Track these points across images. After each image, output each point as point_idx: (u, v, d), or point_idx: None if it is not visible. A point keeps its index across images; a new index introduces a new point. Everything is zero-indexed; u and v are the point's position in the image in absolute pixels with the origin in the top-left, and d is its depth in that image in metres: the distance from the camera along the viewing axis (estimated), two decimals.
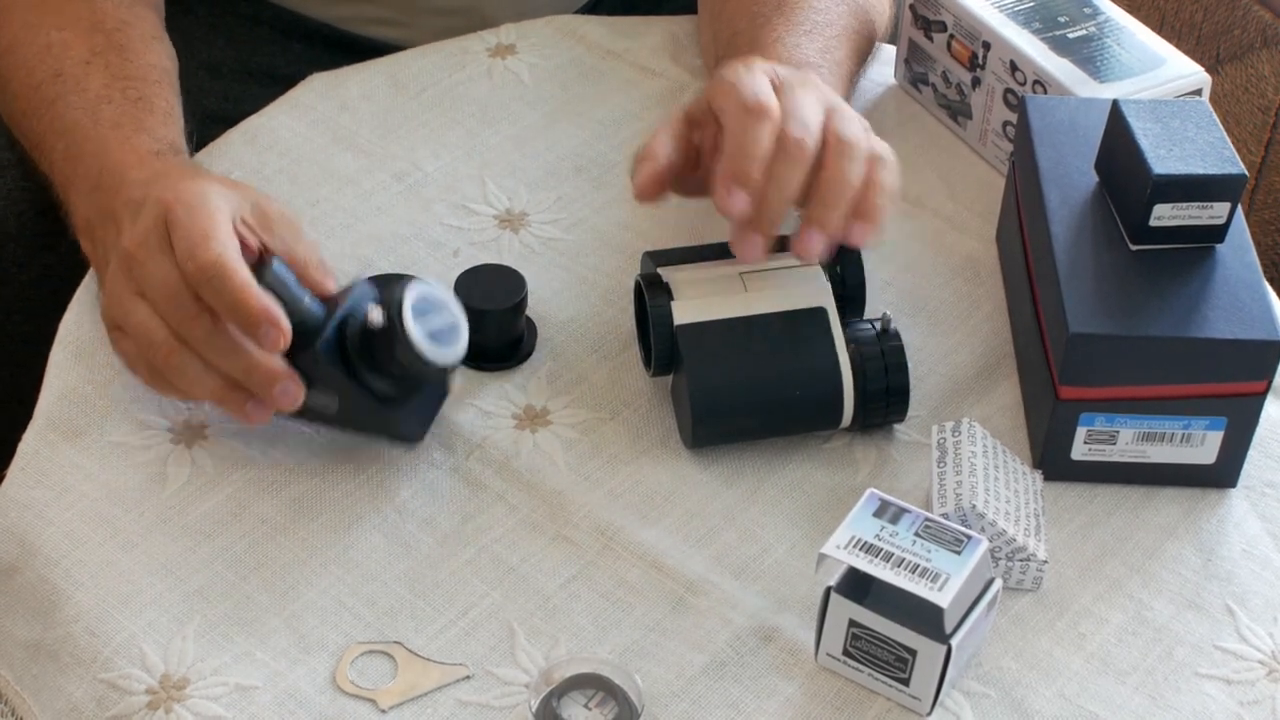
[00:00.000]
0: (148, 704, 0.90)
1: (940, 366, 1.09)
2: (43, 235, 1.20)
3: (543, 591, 0.96)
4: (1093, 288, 0.99)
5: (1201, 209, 1.00)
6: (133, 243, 0.95)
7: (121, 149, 1.04)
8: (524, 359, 1.08)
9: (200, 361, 0.94)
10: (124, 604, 0.94)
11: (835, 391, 1.01)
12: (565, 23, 1.31)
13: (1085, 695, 0.93)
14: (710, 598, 0.96)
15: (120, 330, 0.97)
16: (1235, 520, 1.02)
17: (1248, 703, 0.93)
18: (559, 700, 0.91)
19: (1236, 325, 0.97)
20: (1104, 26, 1.19)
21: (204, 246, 0.92)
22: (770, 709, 0.91)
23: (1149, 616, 0.97)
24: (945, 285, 1.14)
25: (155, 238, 0.94)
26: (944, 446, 0.99)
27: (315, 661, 0.92)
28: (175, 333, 0.94)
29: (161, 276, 0.93)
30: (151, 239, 0.94)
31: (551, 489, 1.01)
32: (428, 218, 1.16)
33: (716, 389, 1.00)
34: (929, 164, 1.23)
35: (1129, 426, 1.00)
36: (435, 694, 0.92)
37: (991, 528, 0.95)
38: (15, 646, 0.96)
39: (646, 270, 1.05)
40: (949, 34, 1.22)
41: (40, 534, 0.97)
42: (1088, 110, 1.10)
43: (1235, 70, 1.64)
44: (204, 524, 0.98)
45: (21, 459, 1.01)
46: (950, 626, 0.89)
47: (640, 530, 0.99)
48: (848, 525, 0.91)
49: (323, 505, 0.99)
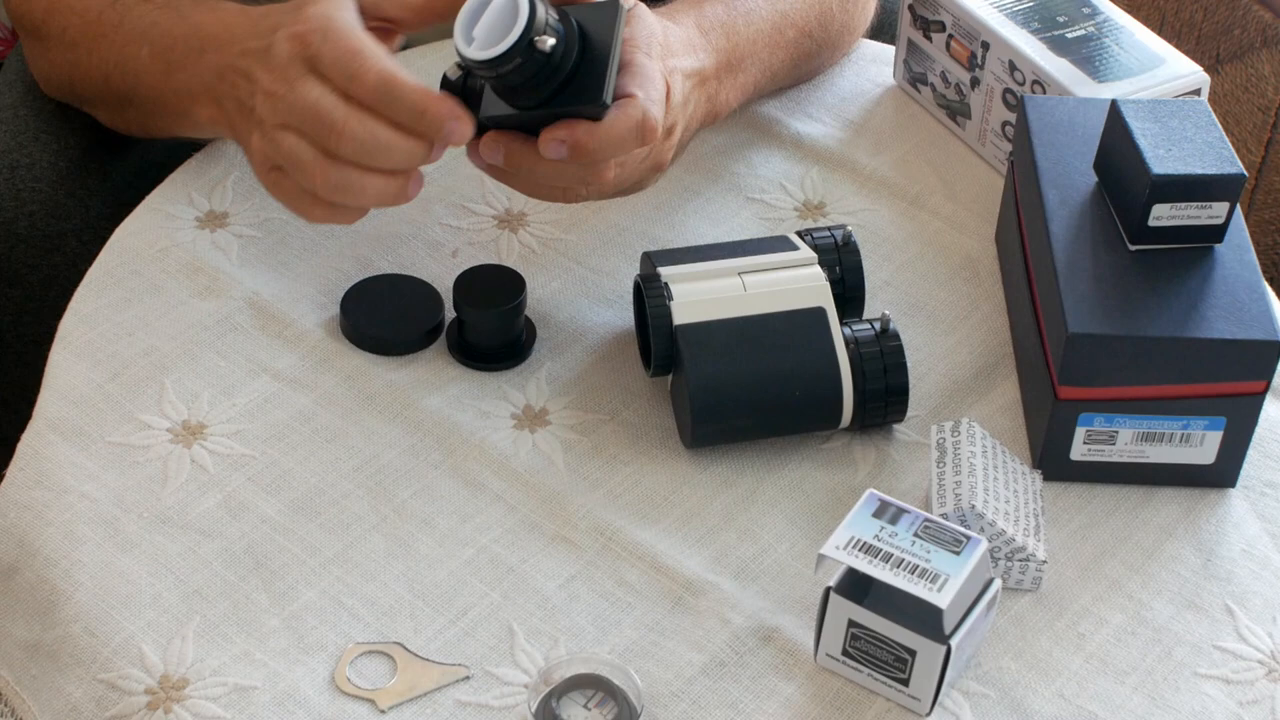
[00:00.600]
0: (147, 704, 0.90)
1: (939, 366, 1.09)
2: (52, 237, 1.20)
3: (542, 592, 0.96)
4: (1092, 288, 0.99)
5: (1200, 209, 1.00)
6: (271, 83, 0.97)
7: (214, 15, 1.06)
8: (523, 359, 1.08)
9: (359, 170, 0.95)
10: (123, 604, 0.94)
11: (834, 391, 1.01)
12: None
13: (1084, 695, 0.93)
14: (709, 598, 0.96)
15: (278, 170, 0.98)
16: (1234, 520, 1.02)
17: (1247, 703, 0.93)
18: (558, 700, 0.91)
19: (1236, 325, 0.97)
20: (1103, 26, 1.19)
21: (361, 66, 0.94)
22: (770, 709, 0.91)
23: (1148, 616, 0.97)
24: (944, 285, 1.14)
25: (295, 70, 0.96)
26: (943, 446, 0.99)
27: (314, 662, 0.92)
28: (328, 152, 0.95)
29: (306, 104, 0.95)
30: (291, 72, 0.96)
31: (551, 489, 1.01)
32: (427, 218, 1.16)
33: (716, 389, 1.00)
34: (928, 164, 1.23)
35: (1128, 426, 1.00)
36: (435, 694, 0.92)
37: (991, 528, 0.95)
38: (15, 647, 0.96)
39: (646, 270, 1.05)
40: (948, 34, 1.22)
41: (40, 534, 0.97)
42: (1087, 110, 1.10)
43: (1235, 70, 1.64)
44: (203, 524, 0.98)
45: (21, 459, 1.01)
46: (949, 627, 0.89)
47: (639, 530, 0.99)
48: (847, 525, 0.91)
49: (322, 505, 0.99)
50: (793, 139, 1.23)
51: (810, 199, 1.19)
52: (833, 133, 1.24)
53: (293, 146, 0.96)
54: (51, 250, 1.20)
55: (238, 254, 1.12)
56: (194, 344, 1.07)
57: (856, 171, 1.21)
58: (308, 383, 1.05)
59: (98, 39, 1.14)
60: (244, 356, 1.07)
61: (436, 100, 0.94)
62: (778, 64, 1.19)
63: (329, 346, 1.07)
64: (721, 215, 1.18)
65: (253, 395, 1.04)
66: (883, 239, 1.17)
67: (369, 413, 1.04)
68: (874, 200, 1.20)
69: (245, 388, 1.05)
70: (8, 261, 1.20)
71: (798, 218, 1.18)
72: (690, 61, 1.07)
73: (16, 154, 1.23)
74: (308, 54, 0.95)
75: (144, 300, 1.09)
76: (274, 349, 1.07)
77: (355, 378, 1.06)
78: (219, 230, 1.14)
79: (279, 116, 0.96)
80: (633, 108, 0.98)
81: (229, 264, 1.12)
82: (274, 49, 0.97)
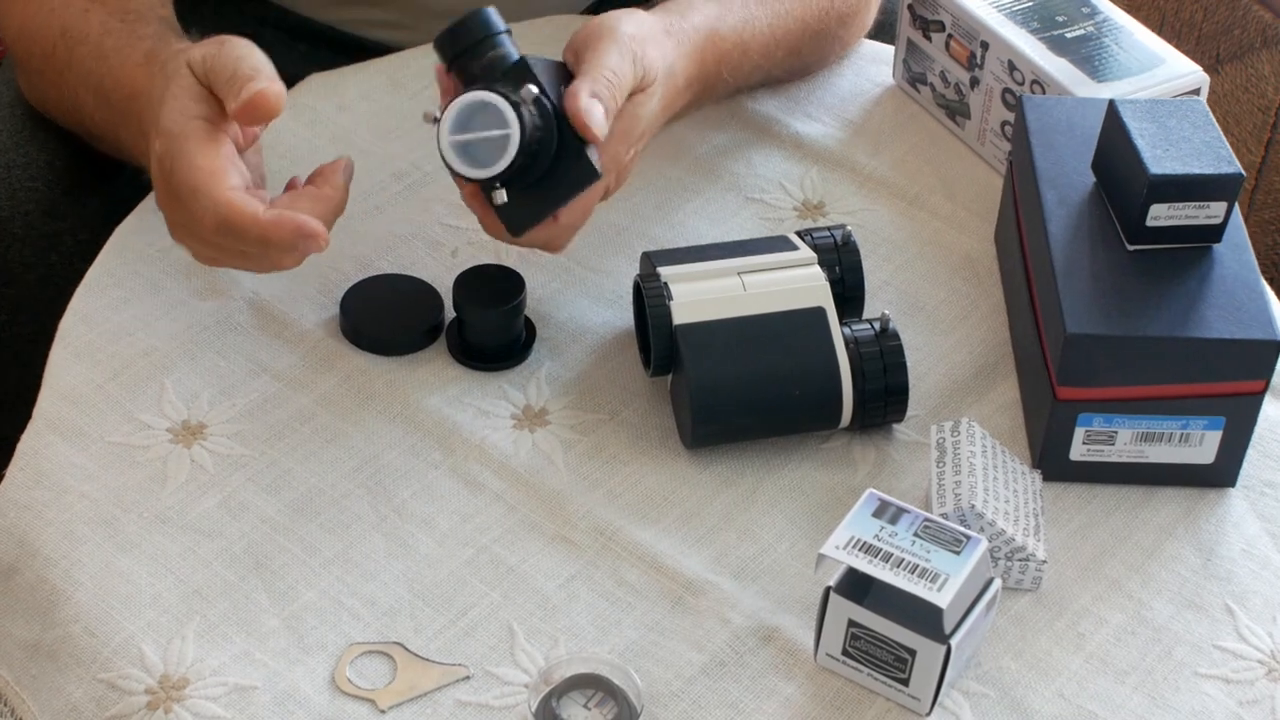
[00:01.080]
0: (147, 704, 0.90)
1: (939, 366, 1.09)
2: (48, 236, 1.20)
3: (542, 591, 0.96)
4: (1090, 288, 0.99)
5: (1198, 208, 1.00)
6: (156, 198, 1.00)
7: (130, 72, 1.07)
8: (523, 359, 1.08)
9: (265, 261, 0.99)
10: (123, 604, 0.94)
11: (834, 391, 1.01)
12: (565, 23, 1.31)
13: (1084, 695, 0.93)
14: (709, 598, 0.96)
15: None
16: (1234, 520, 1.02)
17: (1247, 702, 0.93)
18: (558, 700, 0.91)
19: (1234, 325, 0.97)
20: (1102, 26, 1.19)
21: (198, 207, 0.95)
22: (769, 709, 0.92)
23: (1148, 616, 0.97)
24: (943, 285, 1.14)
25: (164, 194, 0.98)
26: (943, 446, 0.99)
27: (314, 662, 0.92)
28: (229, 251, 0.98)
29: (188, 227, 0.98)
30: (161, 195, 0.98)
31: (550, 489, 1.01)
32: (427, 217, 1.16)
33: (716, 389, 1.00)
34: (927, 164, 1.23)
35: (1127, 426, 1.00)
36: (435, 694, 0.92)
37: (990, 528, 0.95)
38: (14, 647, 0.96)
39: (646, 270, 1.05)
40: (947, 34, 1.22)
41: (39, 534, 0.97)
42: (1085, 110, 1.10)
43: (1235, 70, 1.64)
44: (203, 524, 0.98)
45: (21, 459, 1.01)
46: (949, 626, 0.89)
47: (639, 530, 0.99)
48: (847, 525, 0.91)
49: (322, 505, 0.99)
50: (792, 139, 1.23)
51: (810, 199, 1.19)
52: (832, 132, 1.24)
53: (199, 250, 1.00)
54: (48, 249, 1.20)
55: None
56: (194, 344, 1.07)
57: (856, 171, 1.21)
58: (307, 383, 1.05)
59: (55, 75, 1.15)
60: (244, 356, 1.07)
61: (274, 227, 0.95)
62: (750, 82, 1.21)
63: (329, 346, 1.07)
64: (721, 215, 1.18)
65: (252, 395, 1.04)
66: (882, 239, 1.17)
67: (369, 413, 1.04)
68: (873, 200, 1.20)
69: (245, 388, 1.05)
70: (3, 261, 1.20)
71: (797, 217, 1.18)
72: (663, 118, 1.09)
73: (12, 153, 1.23)
74: (167, 181, 0.97)
75: (144, 300, 1.09)
76: (274, 349, 1.07)
77: (355, 378, 1.06)
78: None
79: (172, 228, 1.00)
80: (545, 231, 1.02)
81: None
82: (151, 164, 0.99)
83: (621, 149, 1.03)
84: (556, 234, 1.03)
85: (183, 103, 0.98)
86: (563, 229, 1.03)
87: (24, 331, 1.20)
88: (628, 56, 1.02)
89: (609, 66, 1.01)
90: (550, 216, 1.01)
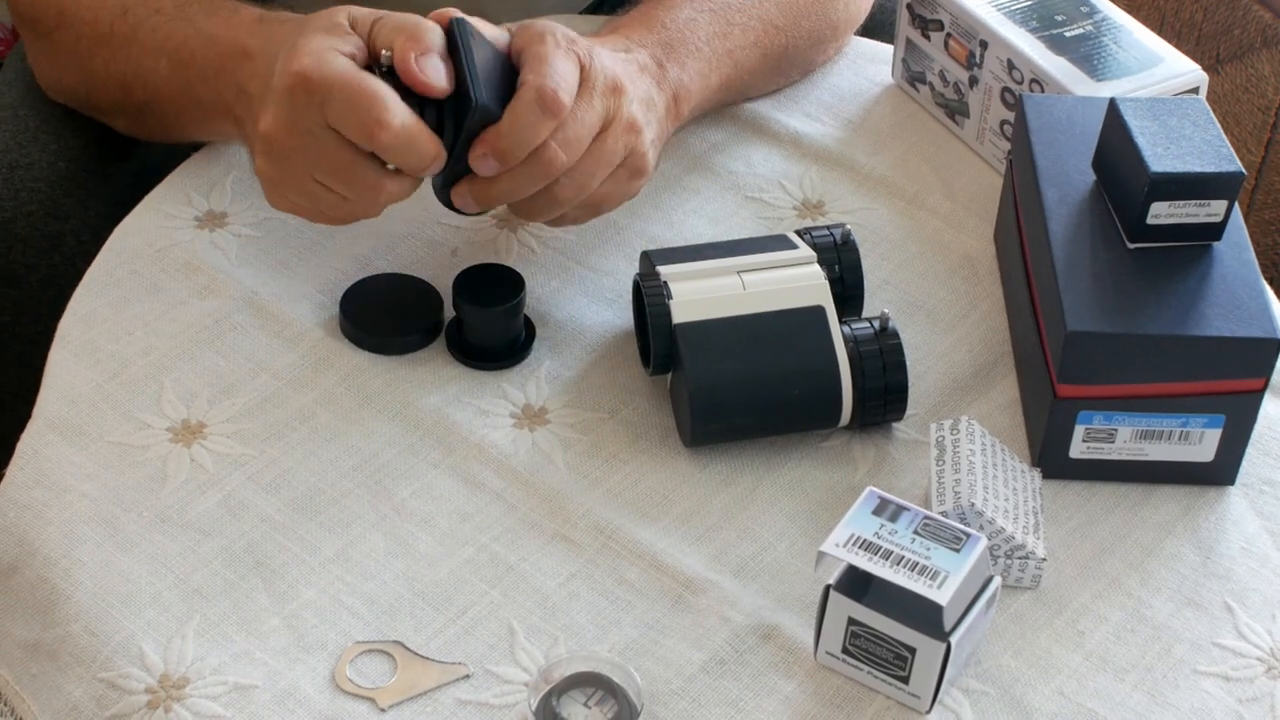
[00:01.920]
0: (147, 703, 0.90)
1: (938, 365, 1.09)
2: (50, 237, 1.20)
3: (542, 590, 0.96)
4: (1090, 286, 0.99)
5: (1199, 207, 1.00)
6: (271, 126, 0.98)
7: (228, 27, 1.07)
8: (522, 358, 1.08)
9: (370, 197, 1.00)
10: (123, 603, 0.94)
11: (834, 390, 1.01)
12: (563, 23, 1.31)
13: (1084, 693, 0.93)
14: (709, 596, 0.96)
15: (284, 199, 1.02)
16: (1234, 518, 1.02)
17: (1246, 700, 0.93)
18: (558, 699, 0.91)
19: (1234, 323, 0.97)
20: (1101, 25, 1.19)
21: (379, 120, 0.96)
22: (770, 707, 0.92)
23: (1148, 614, 0.97)
24: (943, 284, 1.14)
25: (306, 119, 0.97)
26: (942, 444, 0.99)
27: (314, 660, 0.92)
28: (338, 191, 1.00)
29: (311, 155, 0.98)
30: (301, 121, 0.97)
31: (550, 488, 1.01)
32: (426, 217, 1.16)
33: (715, 388, 1.00)
34: (927, 163, 1.23)
35: (1127, 424, 1.00)
36: (435, 693, 0.92)
37: (990, 525, 0.95)
38: (14, 646, 0.96)
39: (645, 269, 1.05)
40: (946, 33, 1.22)
41: (39, 533, 0.97)
42: (1085, 109, 1.10)
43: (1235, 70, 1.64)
44: (203, 523, 0.98)
45: (21, 459, 1.01)
46: (949, 624, 0.89)
47: (639, 529, 0.99)
48: (847, 523, 0.91)
49: (322, 504, 0.99)
50: (791, 138, 1.23)
51: (809, 198, 1.19)
52: (831, 132, 1.24)
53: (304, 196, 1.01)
54: (50, 250, 1.20)
55: (237, 253, 1.12)
56: (193, 343, 1.07)
57: (855, 170, 1.21)
58: (307, 382, 1.05)
59: (113, 50, 1.14)
60: (243, 356, 1.07)
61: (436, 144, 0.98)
62: (739, 51, 1.18)
63: (328, 346, 1.08)
64: (720, 214, 1.18)
65: (252, 394, 1.04)
66: (881, 238, 1.17)
67: (368, 412, 1.04)
68: (873, 199, 1.20)
69: (245, 387, 1.05)
70: (6, 261, 1.20)
71: (796, 217, 1.18)
72: (616, 49, 1.08)
73: (15, 154, 1.23)
74: (312, 98, 0.97)
75: (143, 300, 1.09)
76: (273, 348, 1.07)
77: (355, 377, 1.06)
78: (218, 230, 1.14)
79: (280, 164, 1.00)
80: (524, 89, 0.99)
81: (228, 263, 1.12)
82: (274, 89, 0.98)
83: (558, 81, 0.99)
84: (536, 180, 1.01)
85: (334, 40, 0.98)
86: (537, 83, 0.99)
87: (26, 332, 1.20)
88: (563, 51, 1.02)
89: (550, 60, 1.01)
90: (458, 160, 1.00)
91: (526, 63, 1.00)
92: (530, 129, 0.98)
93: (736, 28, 1.17)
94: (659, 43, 1.12)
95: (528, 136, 0.99)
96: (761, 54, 1.21)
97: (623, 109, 1.03)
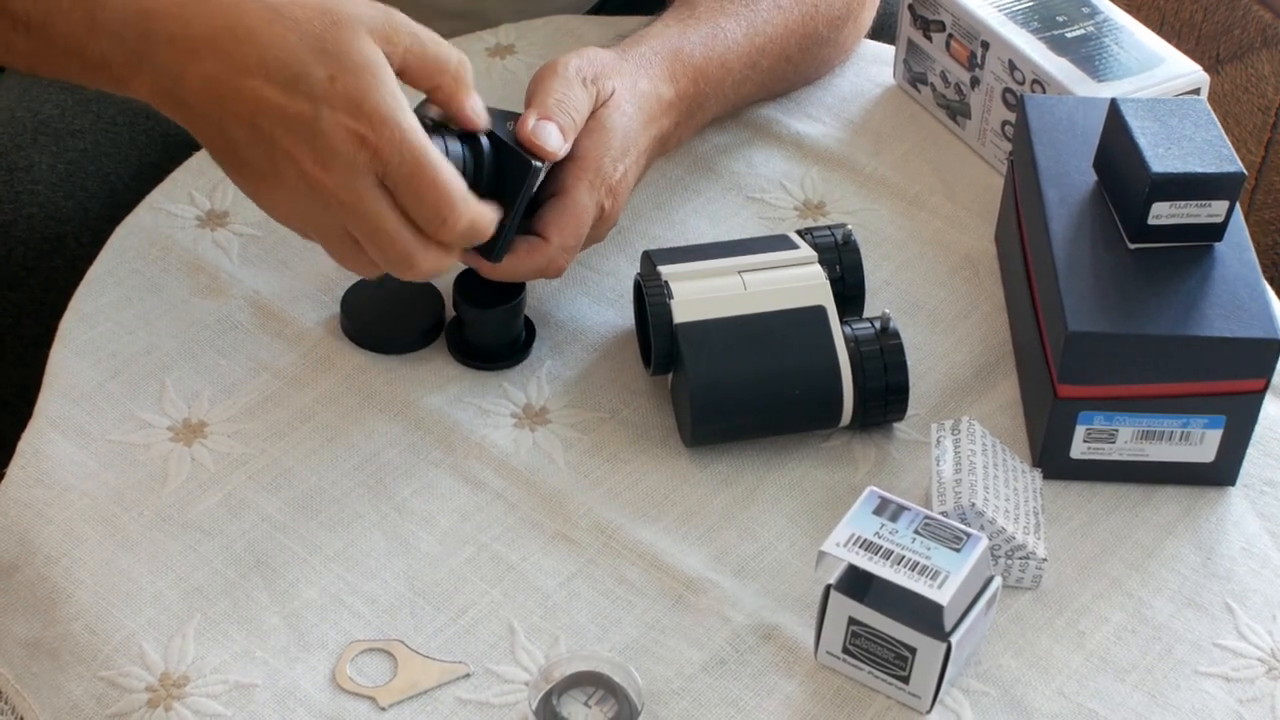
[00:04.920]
0: (147, 702, 0.90)
1: (939, 365, 1.09)
2: (51, 240, 1.20)
3: (542, 589, 0.96)
4: (1091, 286, 0.99)
5: (1200, 207, 1.00)
6: (324, 176, 0.91)
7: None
8: (523, 358, 1.08)
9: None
10: (124, 602, 0.94)
11: (834, 390, 1.01)
12: (564, 23, 1.31)
13: (1085, 693, 0.93)
14: (710, 596, 0.96)
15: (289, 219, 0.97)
16: (1234, 518, 1.02)
17: (1247, 700, 0.94)
18: (559, 698, 0.91)
19: (1235, 323, 0.97)
20: (1102, 26, 1.19)
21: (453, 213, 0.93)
22: (770, 707, 0.92)
23: (1148, 614, 0.97)
24: (944, 284, 1.14)
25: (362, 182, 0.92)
26: (943, 445, 0.99)
27: (315, 659, 0.92)
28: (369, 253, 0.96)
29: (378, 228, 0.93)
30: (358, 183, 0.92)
31: (551, 487, 1.01)
32: None
33: (716, 388, 1.00)
34: (928, 163, 1.23)
35: (1128, 425, 1.00)
36: (435, 692, 0.92)
37: (991, 526, 0.95)
38: (15, 645, 0.96)
39: (646, 269, 1.05)
40: (947, 33, 1.22)
41: (40, 532, 0.97)
42: (1086, 109, 1.10)
43: (1235, 70, 1.64)
44: (204, 522, 0.98)
45: (22, 457, 1.01)
46: (950, 624, 0.89)
47: (640, 528, 0.99)
48: (847, 523, 0.91)
49: (323, 503, 0.99)
50: (793, 139, 1.23)
51: (810, 198, 1.19)
52: (832, 132, 1.24)
53: (342, 245, 0.96)
54: (50, 253, 1.20)
55: (238, 253, 1.13)
56: (194, 342, 1.07)
57: (856, 171, 1.21)
58: (308, 381, 1.06)
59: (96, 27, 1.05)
60: (244, 355, 1.07)
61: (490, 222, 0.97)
62: (741, 96, 1.21)
63: (329, 345, 1.08)
64: (721, 214, 1.18)
65: (253, 394, 1.05)
66: (882, 238, 1.17)
67: (369, 411, 1.04)
68: (874, 200, 1.20)
69: (246, 386, 1.05)
70: (6, 264, 1.20)
71: (798, 217, 1.18)
72: (649, 135, 1.09)
73: (14, 156, 1.23)
74: (379, 167, 0.92)
75: (144, 299, 1.09)
76: (274, 348, 1.07)
77: (355, 376, 1.06)
78: (219, 229, 1.14)
79: (335, 216, 0.93)
80: (539, 255, 1.02)
81: (229, 263, 1.12)
82: (329, 138, 0.90)
83: (605, 161, 1.03)
84: (551, 257, 1.02)
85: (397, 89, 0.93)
86: (556, 251, 1.02)
87: (27, 334, 1.20)
88: (574, 82, 1.03)
89: (555, 92, 1.02)
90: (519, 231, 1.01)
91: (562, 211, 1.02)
92: (523, 277, 1.04)
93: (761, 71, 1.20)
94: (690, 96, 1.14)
95: (523, 275, 1.03)
96: (770, 92, 1.24)
97: (617, 204, 1.06)
